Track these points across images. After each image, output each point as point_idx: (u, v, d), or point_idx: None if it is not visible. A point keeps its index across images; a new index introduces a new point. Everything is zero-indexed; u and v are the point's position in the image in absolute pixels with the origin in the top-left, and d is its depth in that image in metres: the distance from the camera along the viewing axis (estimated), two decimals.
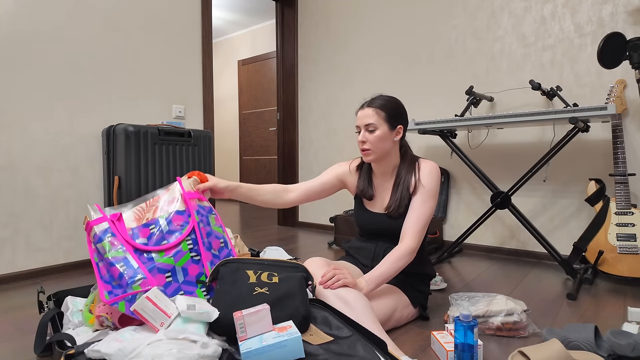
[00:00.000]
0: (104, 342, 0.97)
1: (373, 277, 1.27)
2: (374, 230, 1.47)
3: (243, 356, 0.92)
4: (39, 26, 2.10)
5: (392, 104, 1.37)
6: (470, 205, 2.70)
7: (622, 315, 1.52)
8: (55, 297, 1.37)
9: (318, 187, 1.53)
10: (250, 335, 0.96)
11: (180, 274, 1.16)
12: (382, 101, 1.37)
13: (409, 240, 1.32)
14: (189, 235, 1.20)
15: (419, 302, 1.45)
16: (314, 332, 1.01)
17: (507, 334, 1.32)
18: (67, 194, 2.22)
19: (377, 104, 1.36)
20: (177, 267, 1.15)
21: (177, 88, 2.73)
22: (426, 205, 1.35)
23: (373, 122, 1.34)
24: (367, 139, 1.35)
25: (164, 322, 1.00)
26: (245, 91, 5.79)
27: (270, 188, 1.49)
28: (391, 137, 1.37)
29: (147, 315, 1.00)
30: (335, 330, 1.02)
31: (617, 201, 1.93)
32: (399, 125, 1.38)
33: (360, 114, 1.38)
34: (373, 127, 1.34)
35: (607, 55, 1.81)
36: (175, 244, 1.16)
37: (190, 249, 1.19)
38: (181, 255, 1.17)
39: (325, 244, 2.91)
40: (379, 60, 3.09)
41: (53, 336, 1.16)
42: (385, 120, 1.35)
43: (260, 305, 0.99)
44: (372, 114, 1.35)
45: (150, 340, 0.95)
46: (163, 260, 1.14)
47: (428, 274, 1.48)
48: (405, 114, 1.41)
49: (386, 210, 1.41)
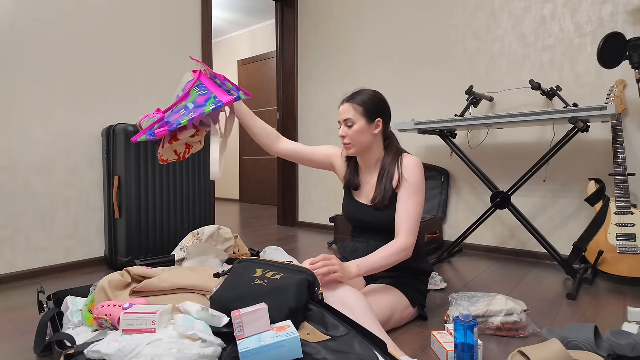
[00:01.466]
0: (104, 342, 0.97)
1: (366, 264, 1.27)
2: (361, 222, 1.49)
3: (241, 356, 0.92)
4: (39, 26, 2.10)
5: (371, 98, 1.40)
6: (470, 205, 2.70)
7: (622, 315, 1.52)
8: (55, 297, 1.37)
9: (308, 154, 1.56)
10: (248, 334, 0.96)
11: (191, 106, 1.29)
12: (361, 96, 1.40)
13: (404, 237, 1.33)
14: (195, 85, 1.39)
15: (419, 302, 1.45)
16: (311, 332, 1.02)
17: (507, 334, 1.32)
18: (67, 194, 2.22)
19: (356, 100, 1.39)
20: (188, 105, 1.30)
21: (177, 88, 2.72)
22: (413, 201, 1.36)
23: (351, 117, 1.38)
24: (347, 134, 1.39)
25: (155, 320, 1.01)
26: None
27: (268, 128, 1.54)
28: (370, 131, 1.40)
29: (137, 326, 1.01)
30: (332, 329, 1.02)
31: (617, 201, 1.93)
32: (377, 118, 1.41)
33: (341, 109, 1.42)
34: (351, 122, 1.38)
35: (607, 55, 1.81)
36: (185, 95, 1.37)
37: (198, 91, 1.35)
38: (190, 96, 1.34)
39: (325, 244, 2.91)
40: (379, 60, 3.09)
41: (53, 336, 1.16)
42: (362, 114, 1.38)
43: (258, 305, 1.00)
44: (350, 109, 1.39)
45: (150, 340, 0.95)
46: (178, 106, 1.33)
47: (425, 271, 1.48)
48: (385, 107, 1.43)
49: (372, 203, 1.43)
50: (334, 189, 3.42)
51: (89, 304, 1.26)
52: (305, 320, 1.06)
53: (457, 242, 2.35)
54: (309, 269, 1.15)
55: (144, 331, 1.01)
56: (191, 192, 2.39)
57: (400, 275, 1.43)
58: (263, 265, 1.20)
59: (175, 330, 0.98)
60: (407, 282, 1.43)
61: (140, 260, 2.14)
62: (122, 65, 2.44)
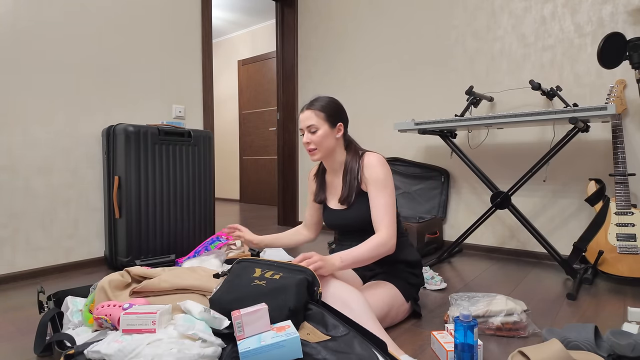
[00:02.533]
0: (104, 342, 0.97)
1: (348, 257, 1.28)
2: (339, 227, 1.54)
3: (241, 356, 0.92)
4: (40, 27, 2.10)
5: (331, 104, 1.45)
6: (470, 205, 2.70)
7: (622, 315, 1.52)
8: (55, 297, 1.37)
9: (316, 208, 1.66)
10: (248, 334, 0.96)
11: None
12: (321, 102, 1.44)
13: (384, 230, 1.35)
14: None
15: (411, 295, 1.46)
16: (311, 331, 1.02)
17: (507, 334, 1.32)
18: (67, 194, 2.22)
19: (316, 106, 1.43)
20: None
21: (177, 88, 2.73)
22: (382, 195, 1.38)
23: (314, 123, 1.41)
24: (311, 140, 1.43)
25: (155, 320, 1.01)
26: (245, 91, 5.79)
27: (294, 237, 1.69)
28: (333, 135, 1.45)
29: (137, 326, 1.01)
30: (331, 329, 1.02)
31: (617, 201, 1.93)
32: (339, 122, 1.46)
33: (302, 116, 1.46)
34: (315, 128, 1.41)
35: (607, 55, 1.81)
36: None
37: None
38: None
39: (325, 244, 2.91)
40: (379, 60, 3.09)
41: (53, 336, 1.16)
42: (325, 120, 1.42)
43: (258, 305, 1.00)
44: (312, 115, 1.42)
45: (150, 340, 0.95)
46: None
47: (412, 261, 1.49)
48: (343, 112, 1.50)
49: (340, 202, 1.48)
50: None
51: (89, 304, 1.26)
52: (305, 320, 1.06)
53: (457, 242, 2.35)
54: (308, 268, 1.15)
55: (144, 331, 1.01)
56: (191, 192, 2.39)
57: (391, 269, 1.46)
58: (262, 265, 1.20)
59: (175, 330, 0.98)
60: (397, 275, 1.45)
61: (140, 260, 2.15)
62: (122, 65, 2.44)
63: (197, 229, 2.42)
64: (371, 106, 3.16)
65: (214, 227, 2.55)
